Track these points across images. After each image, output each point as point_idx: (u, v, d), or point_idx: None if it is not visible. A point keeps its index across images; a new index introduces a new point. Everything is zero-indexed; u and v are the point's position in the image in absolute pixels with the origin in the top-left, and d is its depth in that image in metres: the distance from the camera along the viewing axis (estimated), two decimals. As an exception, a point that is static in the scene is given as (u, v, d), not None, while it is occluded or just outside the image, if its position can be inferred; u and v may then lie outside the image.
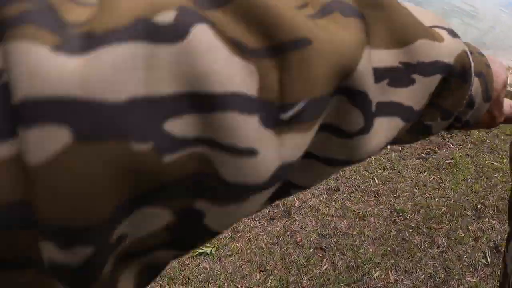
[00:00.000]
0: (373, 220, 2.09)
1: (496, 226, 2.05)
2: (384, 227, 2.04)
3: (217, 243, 2.26)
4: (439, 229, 2.03)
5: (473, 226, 2.05)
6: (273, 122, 0.14)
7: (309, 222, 2.21)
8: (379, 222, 2.07)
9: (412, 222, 2.05)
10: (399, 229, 2.03)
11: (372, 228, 2.05)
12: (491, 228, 2.04)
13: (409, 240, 1.98)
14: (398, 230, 2.02)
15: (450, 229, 2.03)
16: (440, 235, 2.00)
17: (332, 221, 2.16)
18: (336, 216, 2.18)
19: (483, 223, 2.07)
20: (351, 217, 2.15)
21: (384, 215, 2.11)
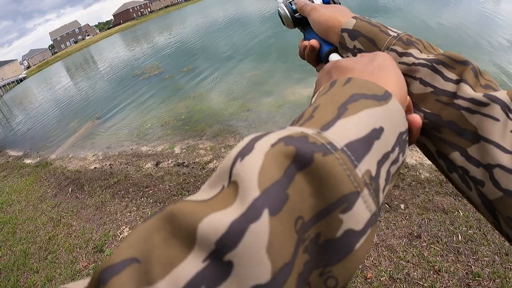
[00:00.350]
0: (447, 277, 2.14)
1: None
2: (457, 287, 2.06)
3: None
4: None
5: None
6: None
7: (383, 261, 2.30)
8: (453, 280, 2.11)
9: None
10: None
11: (444, 285, 2.10)
12: None
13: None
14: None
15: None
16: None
17: (406, 266, 2.24)
18: (412, 263, 2.25)
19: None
20: (426, 267, 2.21)
21: (459, 274, 2.13)
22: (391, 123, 0.27)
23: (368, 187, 0.22)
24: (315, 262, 0.20)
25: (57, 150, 7.48)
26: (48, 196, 5.03)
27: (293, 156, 0.21)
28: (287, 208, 0.20)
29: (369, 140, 0.24)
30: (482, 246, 2.26)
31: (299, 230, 0.20)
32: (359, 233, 0.21)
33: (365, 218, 0.22)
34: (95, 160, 5.99)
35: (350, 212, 0.21)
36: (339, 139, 0.23)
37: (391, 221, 2.65)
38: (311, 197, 0.21)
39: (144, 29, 42.23)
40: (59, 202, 4.68)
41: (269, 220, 0.19)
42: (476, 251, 2.24)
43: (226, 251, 0.18)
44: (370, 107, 0.26)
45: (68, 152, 7.06)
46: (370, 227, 0.22)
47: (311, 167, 0.21)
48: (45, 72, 39.24)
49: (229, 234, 0.18)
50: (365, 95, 0.27)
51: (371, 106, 0.26)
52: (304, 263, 0.20)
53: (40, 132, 10.09)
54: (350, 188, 0.21)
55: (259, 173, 0.20)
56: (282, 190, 0.20)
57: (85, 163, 5.94)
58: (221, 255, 0.18)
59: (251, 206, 0.19)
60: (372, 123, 0.25)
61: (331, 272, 0.21)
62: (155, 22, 50.76)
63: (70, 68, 29.40)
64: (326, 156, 0.21)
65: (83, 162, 6.04)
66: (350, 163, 0.22)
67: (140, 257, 0.18)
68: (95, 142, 7.08)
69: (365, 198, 0.22)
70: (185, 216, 0.19)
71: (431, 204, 2.75)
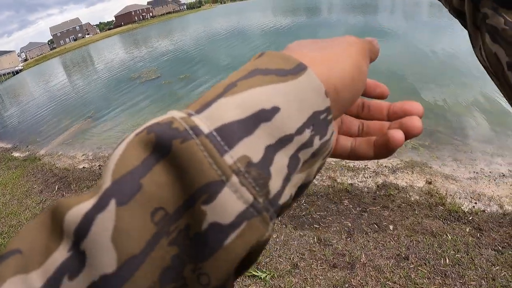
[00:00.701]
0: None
1: None
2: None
3: (274, 272, 2.45)
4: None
5: None
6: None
7: (370, 281, 2.30)
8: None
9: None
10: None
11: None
12: None
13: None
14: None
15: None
16: None
17: (393, 287, 2.22)
18: (399, 284, 2.25)
19: None
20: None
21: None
22: (297, 101, 0.23)
23: (241, 175, 0.20)
24: (187, 256, 0.19)
25: (47, 146, 7.39)
26: (34, 191, 4.95)
27: (153, 145, 0.20)
28: (139, 198, 0.19)
29: (252, 122, 0.21)
30: (469, 270, 2.28)
31: (160, 221, 0.19)
32: (228, 227, 0.19)
33: (236, 210, 0.19)
34: (84, 159, 5.93)
35: (213, 203, 0.19)
36: (210, 122, 0.21)
37: (380, 241, 2.65)
38: (172, 188, 0.19)
39: (145, 33, 42.42)
40: (45, 199, 4.61)
41: (115, 210, 0.18)
42: (463, 275, 2.25)
43: (80, 241, 0.18)
44: (264, 84, 0.23)
45: (57, 149, 6.99)
46: (246, 220, 0.20)
47: (169, 156, 0.20)
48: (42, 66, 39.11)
49: (82, 224, 0.19)
50: (267, 70, 0.24)
51: (266, 82, 0.23)
52: (172, 256, 0.19)
53: (31, 126, 10.00)
54: (212, 176, 0.19)
55: (115, 164, 0.20)
56: (135, 180, 0.19)
57: (74, 162, 5.88)
58: (78, 245, 0.18)
59: (101, 197, 0.19)
60: (260, 102, 0.22)
61: (202, 268, 0.19)
62: (156, 28, 51.03)
63: (67, 65, 29.32)
64: (185, 143, 0.20)
65: (72, 161, 5.98)
66: (214, 149, 0.20)
67: (23, 249, 0.19)
68: (86, 142, 7.02)
69: (234, 187, 0.19)
70: (59, 208, 0.20)
71: (420, 227, 2.76)
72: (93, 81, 15.29)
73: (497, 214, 2.85)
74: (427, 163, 3.84)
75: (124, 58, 21.06)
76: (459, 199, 3.12)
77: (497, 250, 2.42)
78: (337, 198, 3.34)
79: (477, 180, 3.40)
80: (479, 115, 4.89)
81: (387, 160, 4.09)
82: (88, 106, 10.40)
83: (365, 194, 3.37)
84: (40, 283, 0.18)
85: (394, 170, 3.78)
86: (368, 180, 3.65)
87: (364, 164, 4.04)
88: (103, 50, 33.45)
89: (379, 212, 3.06)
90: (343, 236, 2.78)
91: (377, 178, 3.65)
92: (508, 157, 3.80)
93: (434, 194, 3.21)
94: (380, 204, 3.17)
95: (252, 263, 0.23)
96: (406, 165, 3.85)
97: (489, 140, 4.24)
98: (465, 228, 2.69)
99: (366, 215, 3.04)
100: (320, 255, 2.58)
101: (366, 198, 3.28)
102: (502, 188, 3.22)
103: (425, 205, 3.07)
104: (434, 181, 3.45)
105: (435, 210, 2.98)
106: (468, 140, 4.29)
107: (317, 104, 0.24)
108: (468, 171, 3.59)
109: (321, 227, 2.96)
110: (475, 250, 2.43)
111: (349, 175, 3.79)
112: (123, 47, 30.56)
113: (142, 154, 0.20)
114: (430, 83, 6.34)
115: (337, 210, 3.17)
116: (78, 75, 19.75)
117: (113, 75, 15.03)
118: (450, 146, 4.18)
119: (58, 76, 22.96)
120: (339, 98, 0.27)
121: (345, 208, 3.18)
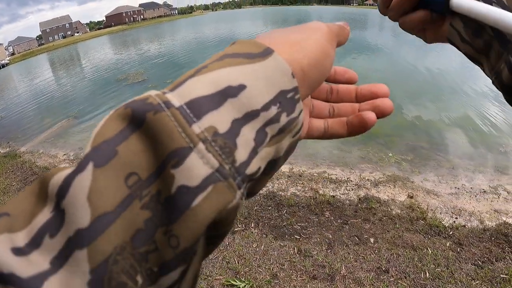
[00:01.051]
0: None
1: None
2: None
3: (253, 282, 2.42)
4: None
5: None
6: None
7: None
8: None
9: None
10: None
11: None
12: None
13: None
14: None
15: None
16: None
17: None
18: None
19: None
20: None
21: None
22: (264, 80, 0.26)
23: (207, 142, 0.22)
24: (159, 220, 0.21)
25: (28, 143, 7.22)
26: (12, 189, 4.82)
27: (129, 117, 0.22)
28: (115, 163, 0.21)
29: (219, 98, 0.23)
30: (449, 284, 2.30)
31: (133, 185, 0.21)
32: (195, 189, 0.21)
33: (202, 174, 0.21)
34: (65, 159, 5.83)
35: (181, 167, 0.21)
36: (180, 97, 0.23)
37: (360, 254, 2.65)
38: (145, 155, 0.21)
39: (134, 35, 42.14)
40: (22, 197, 4.48)
41: (92, 172, 0.21)
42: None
43: (60, 200, 0.21)
44: (232, 65, 0.25)
45: (39, 147, 6.84)
46: (212, 184, 0.21)
47: (143, 126, 0.22)
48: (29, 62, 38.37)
49: (63, 185, 0.21)
50: (235, 54, 0.27)
51: (235, 64, 0.26)
52: (144, 220, 0.20)
53: (14, 122, 9.75)
54: (181, 143, 0.21)
55: (96, 134, 0.22)
56: (112, 147, 0.21)
57: (55, 161, 5.76)
58: (59, 204, 0.21)
59: (81, 161, 0.21)
60: (228, 80, 0.24)
61: (172, 230, 0.21)
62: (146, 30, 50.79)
63: (54, 62, 28.83)
64: (157, 114, 0.22)
65: (53, 160, 5.86)
66: (183, 119, 0.22)
67: (12, 212, 0.22)
68: (68, 141, 6.89)
69: (201, 153, 0.21)
70: (46, 177, 0.23)
71: (401, 240, 2.77)
72: (79, 80, 15.07)
73: (477, 229, 2.89)
74: (409, 177, 3.88)
75: (112, 59, 20.86)
76: (440, 213, 3.16)
77: (477, 265, 2.45)
78: (318, 210, 3.34)
79: (458, 195, 3.45)
80: (461, 133, 4.99)
81: (370, 173, 4.12)
82: (72, 105, 10.23)
83: (346, 206, 3.38)
84: (24, 241, 0.20)
85: (376, 183, 3.81)
86: (350, 192, 3.66)
87: (347, 176, 4.06)
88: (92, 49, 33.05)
89: (360, 225, 3.06)
90: (323, 247, 2.77)
91: (359, 191, 3.67)
92: (489, 173, 3.87)
93: (415, 208, 3.24)
94: (362, 217, 3.19)
95: (223, 234, 0.25)
96: (389, 179, 3.89)
97: (471, 157, 4.32)
98: (446, 242, 2.72)
99: (347, 227, 3.05)
100: (300, 266, 2.56)
101: (348, 211, 3.29)
102: (483, 204, 3.28)
103: (406, 219, 3.09)
104: (415, 196, 3.49)
105: (416, 224, 3.01)
106: (450, 156, 4.36)
107: (284, 84, 0.26)
108: (449, 186, 3.64)
109: (302, 238, 2.95)
110: (455, 264, 2.46)
111: (331, 187, 3.80)
112: (112, 48, 30.29)
113: (119, 125, 0.22)
114: (415, 99, 6.45)
115: (318, 221, 3.17)
116: (64, 73, 19.46)
117: (100, 76, 14.85)
118: (432, 161, 4.24)
119: (45, 73, 22.56)
120: (306, 79, 0.29)
121: (327, 220, 3.18)
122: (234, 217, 0.24)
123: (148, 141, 0.22)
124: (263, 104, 0.25)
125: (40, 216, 0.21)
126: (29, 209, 0.22)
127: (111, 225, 0.20)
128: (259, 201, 3.56)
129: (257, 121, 0.25)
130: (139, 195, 0.21)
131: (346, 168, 4.35)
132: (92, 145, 0.22)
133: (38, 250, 0.20)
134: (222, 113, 0.23)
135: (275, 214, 3.31)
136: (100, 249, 0.19)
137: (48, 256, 0.20)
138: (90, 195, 0.20)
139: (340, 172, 4.22)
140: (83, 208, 0.20)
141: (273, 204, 3.49)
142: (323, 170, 4.30)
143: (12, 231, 0.21)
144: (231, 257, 2.69)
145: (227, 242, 2.88)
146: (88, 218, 0.20)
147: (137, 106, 0.23)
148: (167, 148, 0.21)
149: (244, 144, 0.24)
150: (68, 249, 0.20)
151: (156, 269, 0.21)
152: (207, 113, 0.23)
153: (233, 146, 0.23)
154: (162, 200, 0.21)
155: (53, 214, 0.21)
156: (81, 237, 0.20)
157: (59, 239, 0.20)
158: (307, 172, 4.24)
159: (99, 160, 0.21)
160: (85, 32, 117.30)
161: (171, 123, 0.22)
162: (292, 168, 4.37)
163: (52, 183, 0.22)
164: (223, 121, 0.23)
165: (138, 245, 0.20)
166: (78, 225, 0.20)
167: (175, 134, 0.22)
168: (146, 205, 0.21)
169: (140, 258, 0.20)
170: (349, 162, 4.49)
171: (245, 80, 0.25)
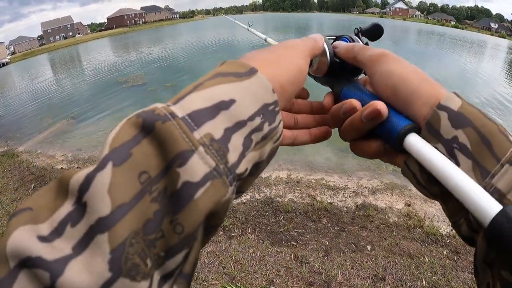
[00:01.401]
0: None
1: None
2: (415, 335, 2.06)
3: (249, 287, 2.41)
4: None
5: None
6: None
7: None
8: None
9: None
10: None
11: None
12: None
13: None
14: None
15: None
16: None
17: (367, 308, 2.21)
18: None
19: None
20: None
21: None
22: (250, 95, 0.31)
23: (206, 146, 0.26)
24: (165, 211, 0.25)
25: (26, 143, 7.20)
26: (8, 188, 4.79)
27: (140, 125, 0.26)
28: (130, 162, 0.25)
29: (214, 110, 0.28)
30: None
31: (144, 182, 0.25)
32: (197, 184, 0.25)
33: (202, 172, 0.26)
34: (63, 160, 5.80)
35: (185, 166, 0.25)
36: (183, 110, 0.28)
37: (357, 261, 2.64)
38: (154, 157, 0.25)
39: (135, 38, 42.18)
40: (19, 196, 4.46)
41: (111, 170, 0.24)
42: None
43: (83, 194, 0.23)
44: (224, 83, 0.31)
45: (37, 147, 6.81)
46: (210, 180, 0.26)
47: (153, 133, 0.26)
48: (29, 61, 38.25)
49: (85, 181, 0.24)
50: (225, 73, 0.32)
51: (226, 82, 0.31)
52: (154, 212, 0.24)
53: (12, 121, 9.71)
54: (185, 147, 0.26)
55: (113, 139, 0.26)
56: (127, 149, 0.25)
57: (53, 162, 5.74)
58: (80, 198, 0.24)
59: (101, 161, 0.25)
60: (221, 96, 0.29)
61: (178, 219, 0.25)
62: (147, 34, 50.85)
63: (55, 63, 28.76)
64: (165, 123, 0.26)
65: (51, 160, 5.83)
66: (186, 127, 0.26)
67: (34, 207, 0.25)
68: (66, 142, 6.88)
69: (201, 155, 0.26)
70: (64, 177, 0.25)
71: (398, 248, 2.77)
72: (79, 82, 15.05)
73: (473, 239, 2.89)
74: (407, 185, 3.89)
75: (113, 61, 20.84)
76: (437, 222, 3.16)
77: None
78: (316, 216, 3.33)
79: (455, 205, 3.45)
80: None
81: (367, 181, 4.13)
82: (72, 106, 10.21)
83: (344, 213, 3.38)
84: (48, 231, 0.23)
85: (374, 191, 3.81)
86: (347, 199, 3.66)
87: (344, 183, 4.06)
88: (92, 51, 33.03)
89: (357, 232, 3.06)
90: (320, 254, 2.77)
91: (356, 198, 3.66)
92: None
93: (412, 216, 3.24)
94: (359, 224, 3.18)
95: (216, 225, 0.29)
96: (386, 186, 3.89)
97: (468, 167, 4.31)
98: (443, 250, 2.72)
99: (344, 234, 3.04)
100: (297, 272, 2.55)
101: (345, 218, 3.29)
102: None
103: (404, 227, 3.09)
104: (413, 204, 3.49)
105: (413, 232, 3.01)
106: (448, 165, 4.36)
107: (266, 98, 0.32)
108: (446, 196, 3.64)
109: (299, 244, 2.94)
110: (452, 272, 2.46)
111: (329, 194, 3.80)
112: (113, 50, 30.29)
113: (133, 131, 0.26)
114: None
115: (316, 228, 3.16)
116: (64, 74, 19.41)
117: (100, 77, 14.83)
118: (430, 170, 4.24)
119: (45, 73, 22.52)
120: (284, 93, 0.36)
121: (324, 227, 3.17)
122: (226, 210, 0.29)
123: (157, 145, 0.26)
124: (249, 115, 0.30)
125: (62, 209, 0.24)
126: (50, 204, 0.25)
127: (127, 214, 0.23)
128: (257, 206, 3.56)
129: (245, 129, 0.30)
130: (149, 190, 0.25)
131: (344, 175, 4.35)
132: (111, 148, 0.26)
133: (61, 238, 0.23)
134: (216, 122, 0.28)
135: (272, 220, 3.31)
136: (119, 233, 0.23)
137: (70, 242, 0.23)
138: (110, 188, 0.24)
139: (338, 179, 4.22)
140: (105, 200, 0.23)
141: (271, 210, 3.48)
142: (321, 177, 4.30)
143: (36, 222, 0.23)
144: (227, 262, 2.68)
145: (224, 247, 2.87)
146: (109, 207, 0.23)
147: (147, 116, 0.27)
148: (173, 151, 0.26)
149: (234, 148, 0.28)
150: (90, 235, 0.23)
151: (162, 254, 0.25)
152: (205, 122, 0.28)
153: (226, 149, 0.28)
154: (168, 194, 0.25)
155: (74, 207, 0.24)
156: (103, 223, 0.23)
157: (80, 227, 0.23)
158: (305, 179, 4.25)
159: (117, 160, 0.25)
160: (86, 34, 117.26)
161: (177, 130, 0.26)
162: (290, 174, 4.37)
163: (72, 181, 0.25)
164: (218, 129, 0.28)
165: (148, 233, 0.24)
166: (100, 214, 0.23)
167: (180, 139, 0.26)
168: (155, 199, 0.25)
169: (149, 244, 0.24)
170: (347, 169, 4.49)
171: (235, 95, 0.30)
